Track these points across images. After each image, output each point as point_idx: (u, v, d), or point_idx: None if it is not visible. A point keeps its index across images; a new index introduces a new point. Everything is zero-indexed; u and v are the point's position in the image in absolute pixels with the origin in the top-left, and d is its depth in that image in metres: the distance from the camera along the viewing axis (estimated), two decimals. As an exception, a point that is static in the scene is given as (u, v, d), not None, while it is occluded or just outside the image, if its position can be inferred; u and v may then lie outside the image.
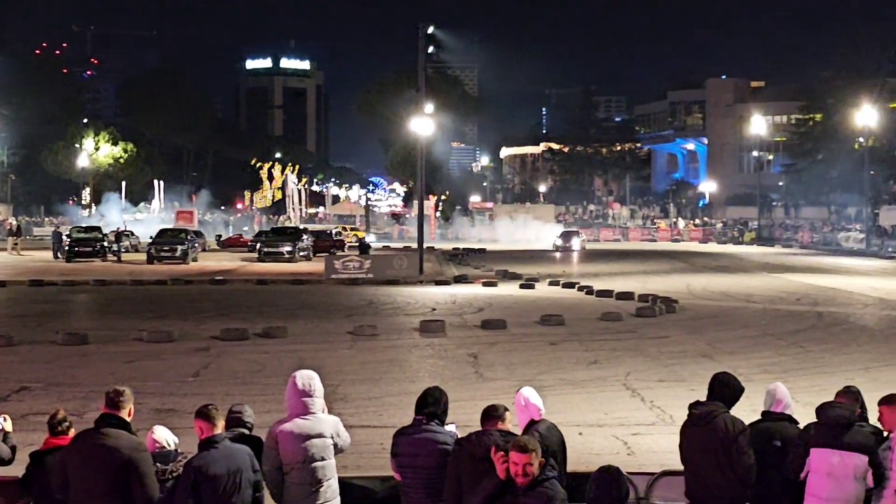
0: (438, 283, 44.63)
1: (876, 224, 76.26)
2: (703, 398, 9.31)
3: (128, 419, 8.31)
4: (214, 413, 8.29)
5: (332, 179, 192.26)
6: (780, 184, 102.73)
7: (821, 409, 8.73)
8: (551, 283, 43.25)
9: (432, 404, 8.79)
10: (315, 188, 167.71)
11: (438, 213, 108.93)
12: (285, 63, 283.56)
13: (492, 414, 8.55)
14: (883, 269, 53.85)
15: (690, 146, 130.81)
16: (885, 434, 8.78)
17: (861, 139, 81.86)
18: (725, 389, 9.05)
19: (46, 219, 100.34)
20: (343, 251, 61.47)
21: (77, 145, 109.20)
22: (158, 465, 8.38)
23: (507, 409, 8.67)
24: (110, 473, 8.04)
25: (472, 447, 8.23)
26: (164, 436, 8.86)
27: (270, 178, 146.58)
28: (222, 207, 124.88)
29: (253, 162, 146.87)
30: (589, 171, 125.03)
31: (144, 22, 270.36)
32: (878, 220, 78.73)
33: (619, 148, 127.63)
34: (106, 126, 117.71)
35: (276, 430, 8.68)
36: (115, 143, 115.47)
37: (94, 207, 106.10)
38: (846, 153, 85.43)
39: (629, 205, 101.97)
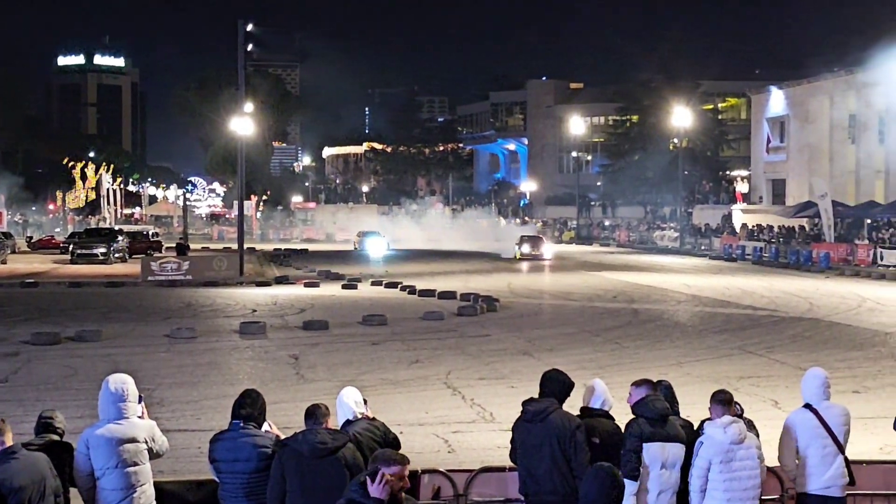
0: (259, 284, 44.27)
1: (689, 223, 78.73)
2: (524, 395, 9.55)
3: None
4: (1, 426, 8.00)
5: (149, 179, 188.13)
6: (599, 184, 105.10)
7: (643, 404, 8.94)
8: (374, 284, 43.38)
9: (249, 406, 8.75)
10: (131, 188, 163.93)
11: (259, 214, 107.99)
12: (99, 60, 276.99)
13: (315, 413, 8.55)
14: (696, 266, 55.70)
15: (511, 146, 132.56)
16: (695, 427, 9.15)
17: (675, 140, 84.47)
18: (557, 385, 9.17)
19: None
20: (161, 252, 60.34)
21: None
22: None
23: (328, 409, 8.70)
24: None
25: (298, 446, 8.26)
26: None
27: (84, 177, 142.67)
28: (33, 208, 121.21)
29: (65, 161, 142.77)
30: (412, 171, 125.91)
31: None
32: (692, 219, 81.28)
33: (441, 148, 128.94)
34: None
35: (88, 435, 8.59)
36: None
37: None
38: (661, 154, 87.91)
39: (452, 204, 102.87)
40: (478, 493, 9.75)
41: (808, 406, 9.44)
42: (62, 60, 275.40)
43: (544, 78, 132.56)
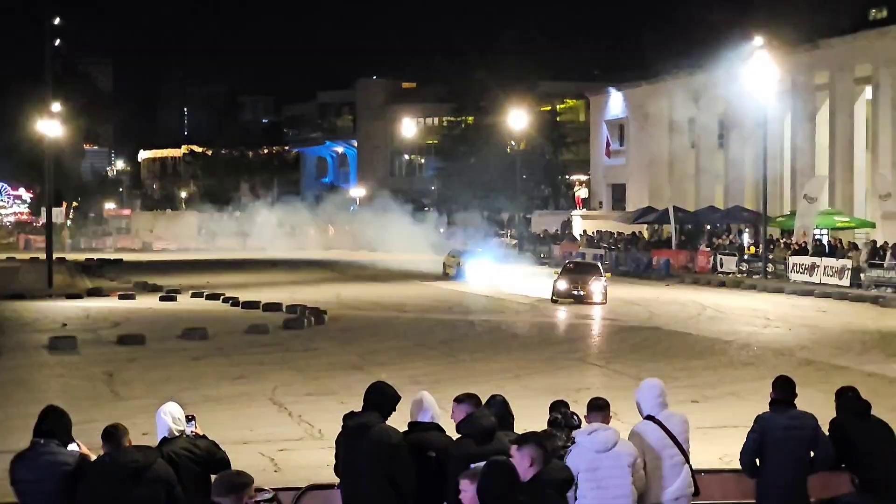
0: (70, 296, 43.28)
1: (528, 229, 79.57)
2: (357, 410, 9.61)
3: None
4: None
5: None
6: (433, 188, 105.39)
7: (468, 422, 8.98)
8: (194, 295, 42.85)
9: (51, 422, 8.64)
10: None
11: (70, 222, 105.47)
12: None
13: (114, 434, 8.39)
14: (534, 273, 56.19)
15: (340, 149, 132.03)
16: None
17: (513, 143, 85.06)
18: (381, 398, 9.21)
19: None
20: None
21: None
22: None
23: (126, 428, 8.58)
24: None
25: (104, 467, 8.17)
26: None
27: None
28: None
29: None
30: (234, 176, 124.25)
31: None
32: (531, 225, 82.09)
33: (265, 151, 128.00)
34: None
35: None
36: None
37: None
38: (499, 157, 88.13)
39: (276, 211, 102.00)
40: None
41: (649, 417, 9.68)
42: None
43: (374, 77, 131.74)
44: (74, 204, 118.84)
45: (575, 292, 39.28)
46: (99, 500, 8.06)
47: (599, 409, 9.36)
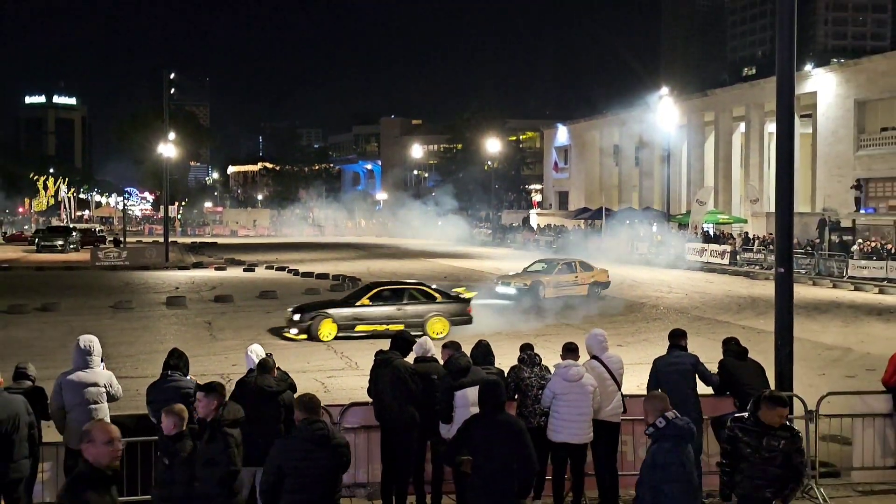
0: (180, 268, 43.16)
1: (500, 223, 79.48)
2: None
3: None
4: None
5: (95, 189, 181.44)
6: (433, 193, 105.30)
7: (449, 362, 8.97)
8: (267, 268, 42.69)
9: (177, 359, 8.67)
10: (82, 196, 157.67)
11: (180, 215, 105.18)
12: (57, 99, 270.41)
13: (266, 364, 8.61)
14: (504, 254, 56.02)
15: (369, 166, 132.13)
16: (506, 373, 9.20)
17: (489, 162, 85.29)
18: (401, 343, 9.44)
19: None
20: (104, 244, 58.18)
21: None
22: None
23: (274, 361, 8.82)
24: None
25: (251, 386, 8.40)
26: None
27: (46, 188, 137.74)
28: (7, 211, 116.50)
29: (31, 175, 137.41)
30: (295, 184, 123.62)
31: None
32: (501, 220, 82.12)
33: (316, 167, 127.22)
34: None
35: (61, 379, 8.59)
36: None
37: None
38: (478, 172, 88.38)
39: (325, 209, 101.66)
40: (348, 422, 9.70)
41: (595, 357, 9.60)
42: (28, 100, 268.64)
43: (392, 116, 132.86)
44: (183, 203, 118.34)
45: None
46: (247, 409, 7.93)
47: (571, 351, 9.32)
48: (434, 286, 22.41)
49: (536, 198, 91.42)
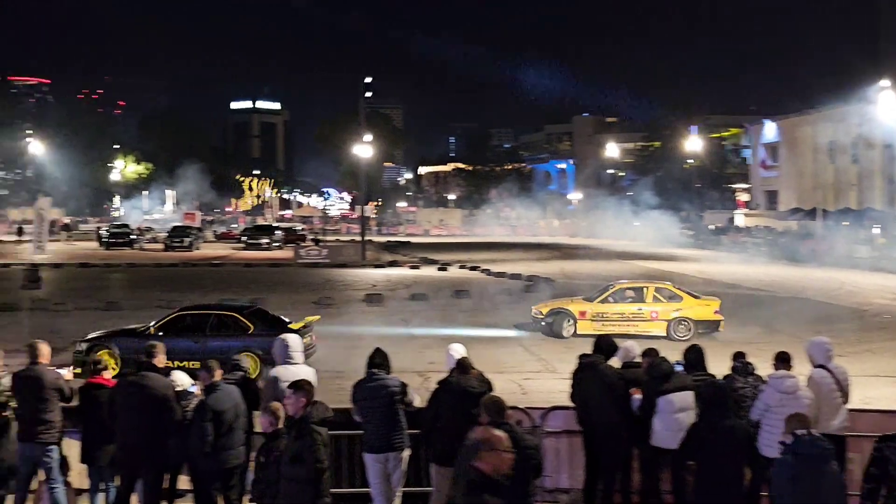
0: (376, 266, 44.30)
1: (702, 224, 77.03)
2: (578, 352, 9.53)
3: (160, 366, 8.47)
4: (213, 365, 8.41)
5: (297, 190, 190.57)
6: (629, 194, 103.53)
7: (652, 367, 8.86)
8: (461, 267, 43.11)
9: (381, 358, 8.76)
10: (284, 196, 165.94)
11: (375, 215, 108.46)
12: (261, 104, 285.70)
13: (463, 364, 8.65)
14: (710, 257, 53.08)
15: (562, 165, 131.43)
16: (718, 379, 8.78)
17: (690, 160, 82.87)
18: (605, 346, 9.27)
19: (90, 218, 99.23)
20: (305, 242, 60.75)
21: (110, 165, 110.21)
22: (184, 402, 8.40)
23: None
24: (148, 406, 8.16)
25: (455, 386, 8.42)
26: (181, 379, 8.78)
27: (251, 188, 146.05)
28: (216, 210, 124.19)
29: (238, 177, 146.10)
30: (486, 184, 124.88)
31: (159, 73, 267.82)
32: (704, 221, 79.53)
33: (508, 167, 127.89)
34: (131, 151, 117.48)
35: (272, 373, 8.86)
36: (137, 163, 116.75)
37: (123, 210, 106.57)
38: (677, 171, 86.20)
39: (516, 208, 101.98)
40: (549, 426, 9.62)
41: (821, 366, 9.02)
42: (234, 105, 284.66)
43: (586, 114, 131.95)
44: (378, 203, 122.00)
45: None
46: (444, 409, 8.22)
47: (785, 360, 8.82)
48: (248, 311, 17.36)
49: (743, 197, 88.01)
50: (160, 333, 15.77)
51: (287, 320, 17.54)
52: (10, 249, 54.70)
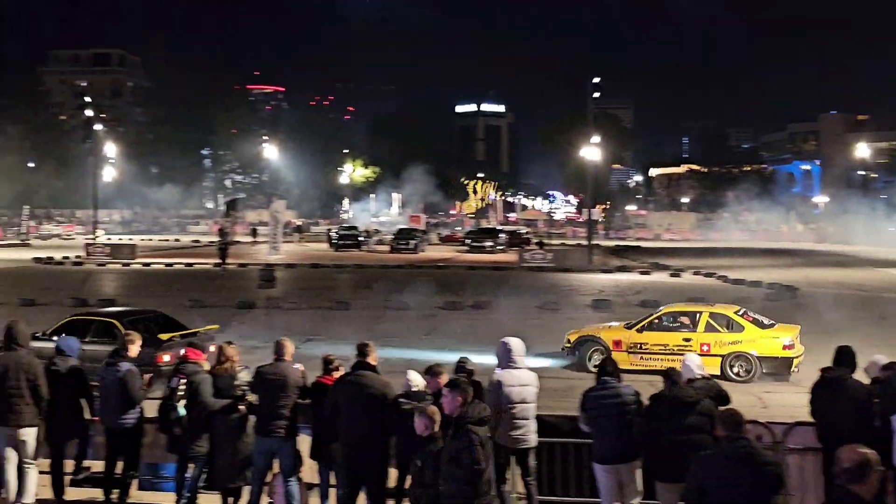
0: (603, 271, 43.90)
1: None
2: (821, 365, 9.28)
3: (374, 363, 8.54)
4: (439, 369, 8.72)
5: (521, 192, 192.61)
6: (883, 196, 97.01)
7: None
8: (694, 273, 41.93)
9: (611, 366, 8.75)
10: (508, 199, 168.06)
11: (603, 218, 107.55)
12: (485, 107, 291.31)
13: (671, 375, 8.44)
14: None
15: (806, 167, 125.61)
16: None
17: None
18: (849, 359, 8.93)
19: (321, 220, 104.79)
20: (530, 246, 61.17)
21: (340, 168, 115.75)
22: (404, 400, 8.53)
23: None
24: (366, 403, 8.36)
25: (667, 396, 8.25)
26: (415, 379, 9.00)
27: (475, 191, 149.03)
28: (440, 213, 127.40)
29: (462, 180, 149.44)
30: (722, 187, 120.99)
31: (385, 79, 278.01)
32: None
33: (747, 168, 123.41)
34: (360, 155, 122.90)
35: (495, 377, 8.96)
36: (365, 167, 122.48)
37: (351, 213, 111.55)
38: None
39: (756, 212, 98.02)
40: (792, 442, 9.33)
41: None
42: (459, 108, 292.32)
43: (834, 112, 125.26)
44: (606, 206, 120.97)
45: None
46: (662, 423, 8.01)
47: None
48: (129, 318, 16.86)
49: None
50: (53, 338, 14.77)
51: (189, 329, 16.90)
52: (246, 250, 58.54)
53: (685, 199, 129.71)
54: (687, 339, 17.44)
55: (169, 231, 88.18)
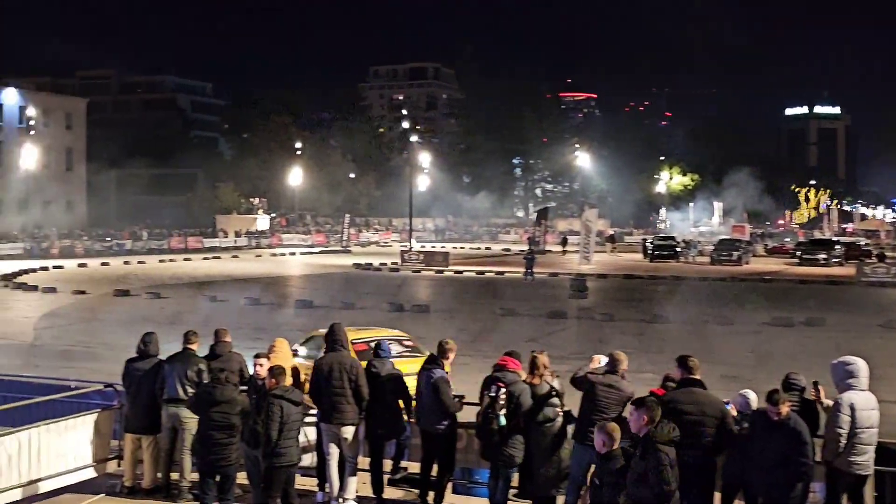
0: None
1: None
2: None
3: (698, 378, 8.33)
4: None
5: (859, 201, 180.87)
6: None
7: None
8: None
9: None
10: (844, 208, 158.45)
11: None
12: (818, 109, 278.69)
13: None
14: None
15: None
16: None
17: None
18: None
19: (635, 230, 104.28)
20: (870, 259, 56.93)
21: (656, 176, 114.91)
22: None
23: None
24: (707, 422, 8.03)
25: None
26: (753, 397, 8.70)
27: (807, 200, 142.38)
28: (767, 223, 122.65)
29: (792, 187, 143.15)
30: None
31: (707, 82, 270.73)
32: None
33: None
34: (677, 162, 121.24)
35: (846, 398, 8.30)
36: (683, 174, 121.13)
37: (668, 222, 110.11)
38: None
39: None
40: None
41: None
42: (789, 111, 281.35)
43: None
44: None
45: None
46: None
47: None
48: None
49: None
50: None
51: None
52: (556, 259, 59.22)
53: None
54: None
55: (480, 239, 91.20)
